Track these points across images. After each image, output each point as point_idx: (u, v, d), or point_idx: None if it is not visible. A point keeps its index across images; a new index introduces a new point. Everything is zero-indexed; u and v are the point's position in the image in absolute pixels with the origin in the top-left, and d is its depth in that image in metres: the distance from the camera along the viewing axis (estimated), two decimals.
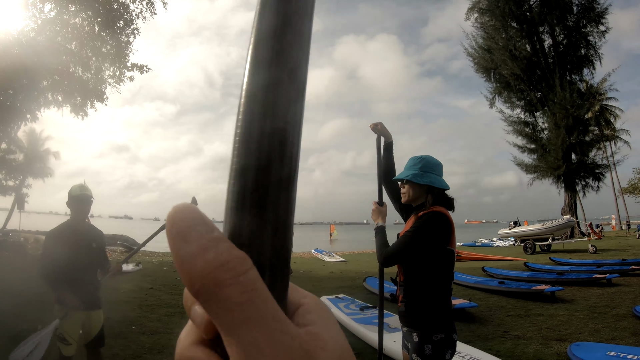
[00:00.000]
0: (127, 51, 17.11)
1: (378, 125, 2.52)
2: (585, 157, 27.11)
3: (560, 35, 27.80)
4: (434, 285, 2.10)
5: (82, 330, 3.27)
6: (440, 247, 2.09)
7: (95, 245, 3.35)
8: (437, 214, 2.12)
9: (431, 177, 2.21)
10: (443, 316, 2.08)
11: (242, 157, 0.48)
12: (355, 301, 7.00)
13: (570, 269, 11.10)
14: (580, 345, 4.47)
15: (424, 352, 2.02)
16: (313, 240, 39.32)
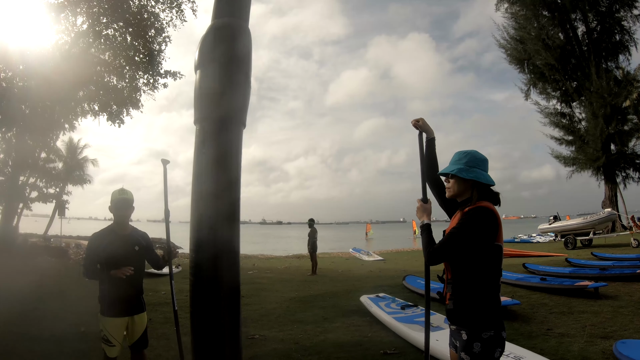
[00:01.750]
0: (159, 59, 17.52)
1: (420, 121, 2.53)
2: (625, 147, 26.15)
3: (593, 22, 26.90)
4: (482, 282, 2.10)
5: (126, 332, 3.36)
6: (487, 243, 2.09)
7: (137, 248, 3.39)
8: (483, 209, 2.12)
9: (477, 172, 2.21)
10: (492, 313, 2.08)
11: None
12: (396, 300, 7.00)
13: (613, 264, 10.77)
14: (626, 343, 4.36)
15: (473, 350, 2.03)
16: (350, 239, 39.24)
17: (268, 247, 31.89)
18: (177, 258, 3.49)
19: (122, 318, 3.30)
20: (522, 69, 28.82)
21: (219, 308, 1.42)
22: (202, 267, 1.42)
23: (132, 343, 3.42)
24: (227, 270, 1.44)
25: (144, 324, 3.49)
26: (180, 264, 14.57)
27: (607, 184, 26.22)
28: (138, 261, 3.39)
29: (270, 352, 4.90)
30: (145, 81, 17.59)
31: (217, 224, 1.37)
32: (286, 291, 9.30)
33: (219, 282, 1.43)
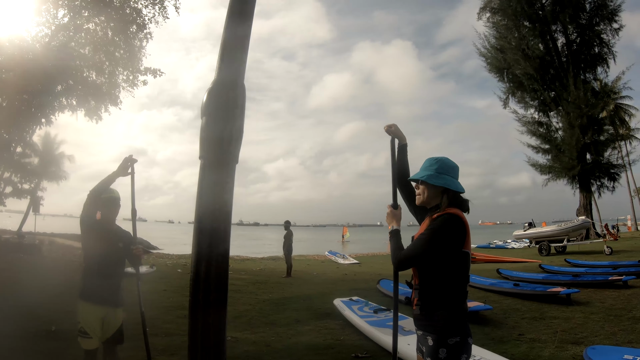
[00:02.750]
0: (140, 55, 17.30)
1: (392, 127, 2.51)
2: (600, 157, 26.77)
3: (573, 34, 27.49)
4: (450, 288, 2.08)
5: (101, 325, 3.34)
6: (455, 250, 2.08)
7: (121, 245, 3.50)
8: (452, 215, 2.11)
9: (447, 179, 2.19)
10: (458, 320, 2.06)
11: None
12: (369, 303, 6.98)
13: (586, 270, 10.94)
14: (596, 349, 4.40)
15: (439, 355, 2.01)
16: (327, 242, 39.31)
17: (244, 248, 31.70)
18: (145, 257, 3.55)
19: (98, 307, 3.31)
20: (502, 78, 29.29)
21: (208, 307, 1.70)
22: (199, 271, 1.70)
23: (107, 338, 3.40)
24: (217, 274, 1.72)
25: (120, 320, 3.48)
26: (155, 264, 14.39)
27: (582, 193, 26.76)
28: (119, 257, 3.50)
29: (241, 354, 4.83)
30: (125, 77, 17.35)
31: (212, 236, 1.69)
32: (260, 293, 9.23)
33: (211, 284, 1.71)
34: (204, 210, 1.72)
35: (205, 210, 1.70)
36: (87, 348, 3.28)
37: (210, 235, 1.75)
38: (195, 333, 1.70)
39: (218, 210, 1.80)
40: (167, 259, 18.40)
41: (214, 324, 1.68)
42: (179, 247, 28.18)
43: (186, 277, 11.41)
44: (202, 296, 1.70)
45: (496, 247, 27.04)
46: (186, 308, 7.62)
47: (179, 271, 13.20)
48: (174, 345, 5.08)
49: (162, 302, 7.78)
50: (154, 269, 12.68)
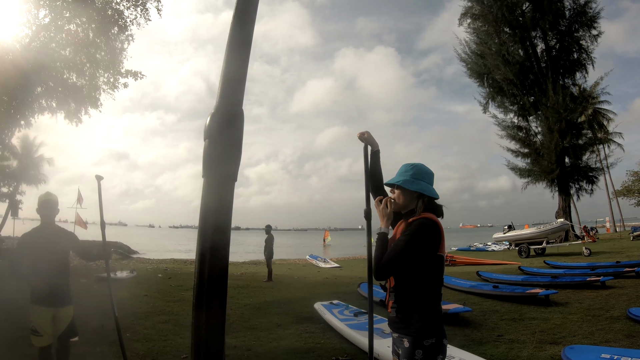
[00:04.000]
0: (121, 57, 17.06)
1: (365, 134, 2.54)
2: (579, 161, 27.30)
3: (552, 40, 28.05)
4: (425, 290, 2.11)
5: (53, 324, 3.55)
6: (430, 254, 2.11)
7: (60, 246, 3.61)
8: (427, 220, 2.14)
9: (422, 184, 2.23)
10: (433, 321, 2.08)
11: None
12: (350, 307, 7.00)
13: (565, 272, 11.14)
14: (574, 348, 4.48)
15: (415, 357, 2.03)
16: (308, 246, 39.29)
17: None
18: (110, 252, 3.66)
19: (47, 309, 3.49)
20: (482, 83, 29.73)
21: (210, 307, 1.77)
22: (203, 274, 1.76)
23: (60, 334, 3.61)
24: (218, 276, 1.78)
25: (70, 316, 3.66)
26: (136, 269, 14.21)
27: (561, 195, 27.25)
28: (62, 258, 3.62)
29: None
30: (106, 80, 17.10)
31: (214, 246, 1.78)
32: (241, 297, 9.16)
33: (211, 285, 1.77)
34: (207, 224, 1.82)
35: (207, 225, 1.80)
36: (39, 345, 3.49)
37: (211, 248, 1.86)
38: (200, 340, 1.74)
39: (219, 224, 1.89)
40: (148, 263, 18.17)
41: (215, 331, 1.73)
42: (159, 252, 27.88)
43: (166, 282, 11.41)
44: (205, 302, 1.75)
45: (476, 250, 27.38)
46: (166, 313, 7.58)
47: (160, 276, 13.05)
48: (154, 351, 5.02)
49: (142, 307, 7.69)
50: (134, 274, 12.53)
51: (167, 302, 8.33)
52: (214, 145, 1.89)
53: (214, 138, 1.90)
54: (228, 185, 1.91)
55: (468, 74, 30.06)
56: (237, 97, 2.02)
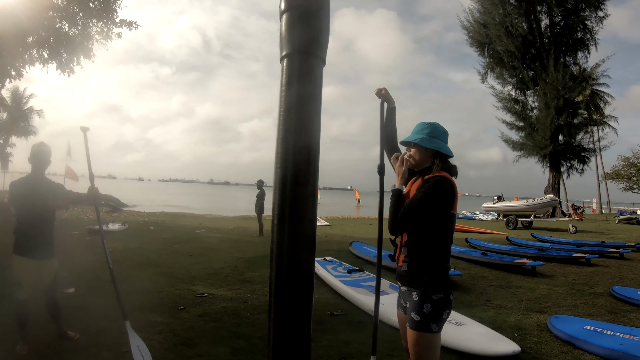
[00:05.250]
0: (115, 7, 16.54)
1: (382, 91, 2.53)
2: (573, 140, 27.45)
3: (558, 16, 27.67)
4: (436, 247, 2.15)
5: (37, 276, 3.53)
6: (444, 211, 2.14)
7: (47, 198, 3.56)
8: (443, 178, 2.16)
9: (439, 142, 2.25)
10: (442, 277, 2.14)
11: (281, 169, 1.20)
12: (343, 264, 7.14)
13: (551, 246, 11.35)
14: (559, 318, 4.63)
15: (424, 310, 2.09)
16: None
17: (215, 206, 31.47)
18: (97, 191, 3.62)
19: (31, 260, 3.47)
20: (482, 53, 29.44)
21: (294, 287, 1.37)
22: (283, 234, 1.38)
23: (46, 288, 3.64)
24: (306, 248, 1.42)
25: (53, 269, 3.66)
26: (127, 221, 14.26)
27: (552, 172, 27.54)
28: (46, 209, 3.56)
29: (219, 310, 4.88)
30: (99, 29, 16.63)
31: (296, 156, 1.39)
32: (233, 251, 9.24)
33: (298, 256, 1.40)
34: (290, 106, 1.47)
35: (291, 107, 1.48)
36: (21, 298, 3.49)
37: (296, 152, 1.45)
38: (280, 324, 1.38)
39: (307, 101, 1.53)
40: (139, 216, 18.23)
41: (300, 313, 1.39)
42: (150, 206, 27.87)
43: (159, 234, 11.48)
44: (286, 275, 1.35)
45: (464, 218, 27.75)
46: (160, 265, 7.63)
47: (152, 229, 13.14)
48: (151, 302, 5.09)
49: (137, 259, 7.76)
50: (126, 227, 12.60)
51: (160, 254, 8.40)
52: (297, 19, 1.52)
53: (295, 10, 1.52)
54: (316, 65, 1.54)
55: (469, 42, 29.72)
56: None
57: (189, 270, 7.03)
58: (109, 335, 3.90)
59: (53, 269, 3.66)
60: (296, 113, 1.45)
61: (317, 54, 1.56)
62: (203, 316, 4.65)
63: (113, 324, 4.05)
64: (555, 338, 4.19)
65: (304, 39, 1.53)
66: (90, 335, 3.90)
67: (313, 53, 1.56)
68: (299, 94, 1.46)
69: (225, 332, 4.17)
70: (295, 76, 1.51)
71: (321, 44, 1.58)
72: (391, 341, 3.81)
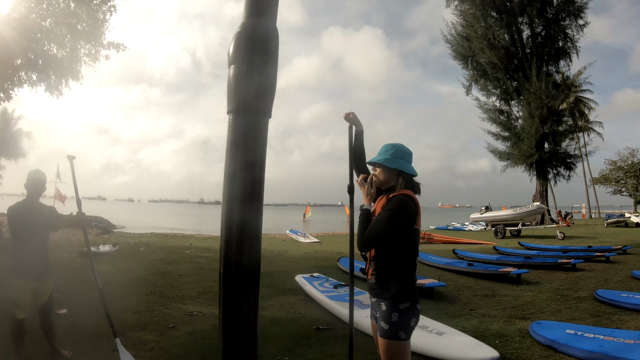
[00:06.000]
0: (103, 29, 16.68)
1: (350, 115, 2.70)
2: (558, 147, 27.81)
3: (539, 27, 28.25)
4: (401, 260, 2.30)
5: (33, 296, 3.66)
6: (407, 227, 2.30)
7: (43, 222, 3.70)
8: (406, 196, 2.32)
9: (402, 163, 2.41)
10: (408, 288, 2.28)
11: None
12: (330, 279, 7.23)
13: (538, 253, 11.53)
14: (541, 324, 4.75)
15: (391, 319, 2.23)
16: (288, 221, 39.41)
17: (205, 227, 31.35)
18: (85, 215, 3.83)
19: (29, 281, 3.59)
20: (466, 65, 29.90)
21: (241, 287, 1.61)
22: (230, 245, 1.62)
23: (40, 307, 3.75)
24: (248, 249, 1.66)
25: (49, 290, 3.78)
26: (118, 242, 14.23)
27: (539, 180, 27.86)
28: (42, 233, 3.72)
29: (209, 328, 4.95)
30: (87, 51, 16.76)
31: (242, 203, 1.70)
32: None
33: (240, 260, 1.63)
34: (235, 168, 1.61)
35: (236, 169, 1.60)
36: (19, 317, 3.59)
37: (242, 199, 1.64)
38: (228, 320, 1.61)
39: (251, 166, 1.62)
40: (129, 237, 18.16)
41: (247, 309, 1.60)
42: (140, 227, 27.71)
43: (149, 255, 11.48)
44: (234, 279, 1.59)
45: (454, 229, 27.89)
46: (152, 285, 7.68)
47: (142, 250, 13.13)
48: (142, 321, 5.16)
49: (128, 280, 7.79)
50: (117, 248, 12.58)
51: (152, 274, 8.43)
52: (243, 73, 1.57)
53: (242, 64, 1.57)
54: (261, 122, 1.63)
55: (453, 55, 30.21)
56: (269, 11, 1.65)
57: (180, 290, 7.08)
58: (101, 352, 3.99)
59: (49, 290, 3.77)
60: (240, 177, 1.62)
61: (263, 109, 1.62)
62: (192, 334, 4.73)
63: (104, 342, 4.15)
64: (536, 343, 4.31)
65: (249, 95, 1.57)
66: (82, 352, 3.99)
67: (259, 109, 1.61)
68: (244, 161, 1.61)
69: (214, 348, 4.24)
70: (240, 139, 1.58)
71: (267, 98, 1.64)
72: (373, 352, 3.92)
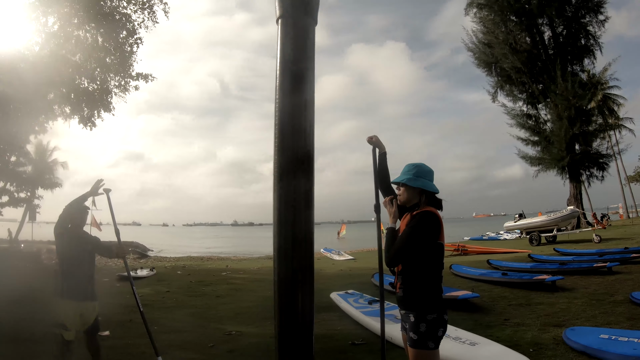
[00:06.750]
0: (131, 61, 17.33)
1: (373, 138, 2.88)
2: (589, 147, 27.16)
3: (559, 27, 27.87)
4: (427, 273, 2.44)
5: (80, 318, 3.79)
6: (431, 242, 2.44)
7: (89, 247, 3.92)
8: (429, 213, 2.47)
9: (423, 181, 2.56)
10: (435, 299, 2.42)
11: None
12: (364, 295, 7.32)
13: (573, 258, 11.30)
14: (575, 330, 4.72)
15: (420, 329, 2.36)
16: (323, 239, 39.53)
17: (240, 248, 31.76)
18: (125, 250, 4.20)
19: (76, 302, 3.73)
20: (490, 72, 29.63)
21: (296, 290, 1.67)
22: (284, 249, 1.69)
23: (86, 328, 3.87)
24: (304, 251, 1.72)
25: (96, 312, 3.93)
26: (154, 267, 14.62)
27: (572, 183, 27.18)
28: (89, 258, 3.92)
29: (247, 345, 5.12)
30: (117, 83, 17.39)
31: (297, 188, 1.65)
32: (260, 290, 9.47)
33: (297, 264, 1.70)
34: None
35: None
36: (67, 339, 3.71)
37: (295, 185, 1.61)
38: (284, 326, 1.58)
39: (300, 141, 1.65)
40: (165, 261, 18.64)
41: (303, 318, 1.60)
42: (175, 250, 28.34)
43: (186, 278, 11.79)
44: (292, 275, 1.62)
45: (489, 239, 27.38)
46: (190, 307, 7.91)
47: (179, 273, 13.47)
48: (184, 341, 5.38)
49: (166, 302, 8.05)
50: (154, 272, 12.93)
51: (190, 296, 8.69)
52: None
53: None
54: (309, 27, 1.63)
55: (476, 63, 30.04)
56: None
57: (217, 310, 7.29)
58: None
59: (95, 312, 3.92)
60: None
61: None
62: (232, 352, 4.90)
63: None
64: (570, 350, 4.31)
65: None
66: None
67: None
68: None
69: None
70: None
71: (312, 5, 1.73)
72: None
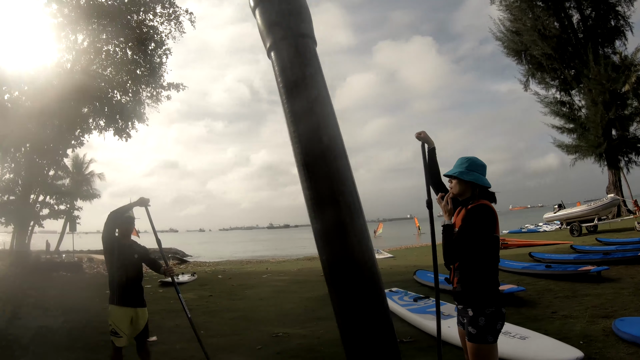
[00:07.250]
0: (161, 72, 17.73)
1: (422, 134, 2.92)
2: (626, 132, 26.23)
3: (587, 9, 27.00)
4: (484, 267, 2.48)
5: (132, 324, 3.95)
6: (488, 235, 2.46)
7: (137, 256, 4.06)
8: (484, 206, 2.50)
9: (476, 175, 2.59)
10: (493, 293, 2.45)
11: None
12: (409, 293, 7.33)
13: (617, 248, 11.04)
14: (624, 320, 4.64)
15: (479, 323, 2.40)
16: None
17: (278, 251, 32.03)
18: (173, 270, 4.40)
19: (128, 308, 3.89)
20: (520, 60, 28.92)
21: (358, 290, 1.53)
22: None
23: (137, 334, 4.02)
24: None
25: (146, 318, 4.09)
26: (195, 272, 14.94)
27: (610, 170, 26.33)
28: (137, 266, 4.06)
29: (295, 347, 5.21)
30: (149, 94, 17.80)
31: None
32: (302, 292, 9.59)
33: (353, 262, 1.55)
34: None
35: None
36: (119, 345, 3.85)
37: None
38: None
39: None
40: (205, 266, 18.99)
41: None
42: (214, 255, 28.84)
43: (228, 282, 12.02)
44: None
45: (528, 232, 26.77)
46: (234, 310, 8.09)
47: (220, 277, 13.73)
48: (230, 344, 5.52)
49: (211, 307, 8.24)
50: (195, 277, 13.21)
51: (233, 300, 8.86)
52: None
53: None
54: (307, 46, 1.60)
55: (505, 52, 29.35)
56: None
57: (262, 313, 7.41)
58: None
59: (145, 317, 4.07)
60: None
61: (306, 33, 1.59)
62: (281, 353, 5.00)
63: None
64: (620, 341, 4.27)
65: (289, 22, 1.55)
66: None
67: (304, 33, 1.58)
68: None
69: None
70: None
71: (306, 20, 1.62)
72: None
